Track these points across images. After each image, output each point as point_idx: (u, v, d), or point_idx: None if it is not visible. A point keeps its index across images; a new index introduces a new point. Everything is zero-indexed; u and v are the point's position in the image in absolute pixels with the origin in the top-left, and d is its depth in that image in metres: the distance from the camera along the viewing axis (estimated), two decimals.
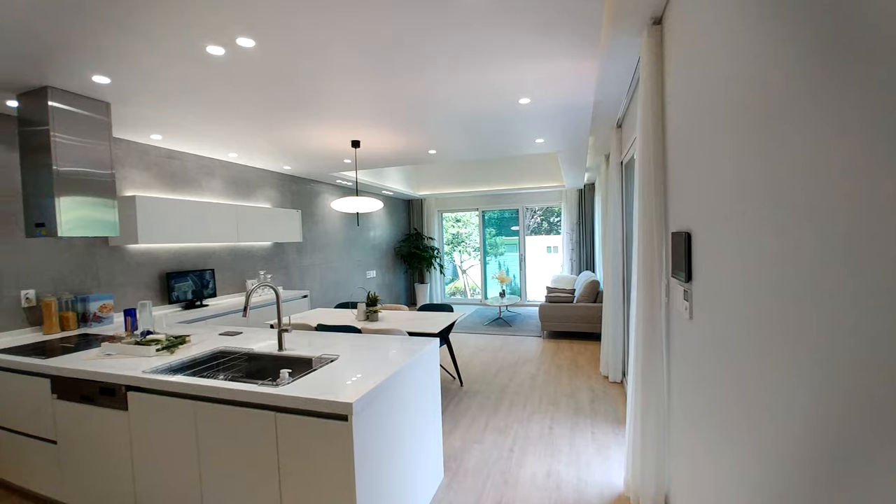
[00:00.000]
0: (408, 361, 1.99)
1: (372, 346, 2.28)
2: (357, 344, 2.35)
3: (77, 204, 2.54)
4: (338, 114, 3.06)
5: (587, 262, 7.94)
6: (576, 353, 4.99)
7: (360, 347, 2.27)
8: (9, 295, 2.82)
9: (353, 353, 2.16)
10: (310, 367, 2.06)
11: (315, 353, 2.16)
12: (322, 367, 1.92)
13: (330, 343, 2.38)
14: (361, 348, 2.25)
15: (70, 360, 2.17)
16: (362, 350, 2.21)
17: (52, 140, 2.43)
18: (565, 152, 4.64)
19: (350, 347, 2.27)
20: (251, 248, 4.85)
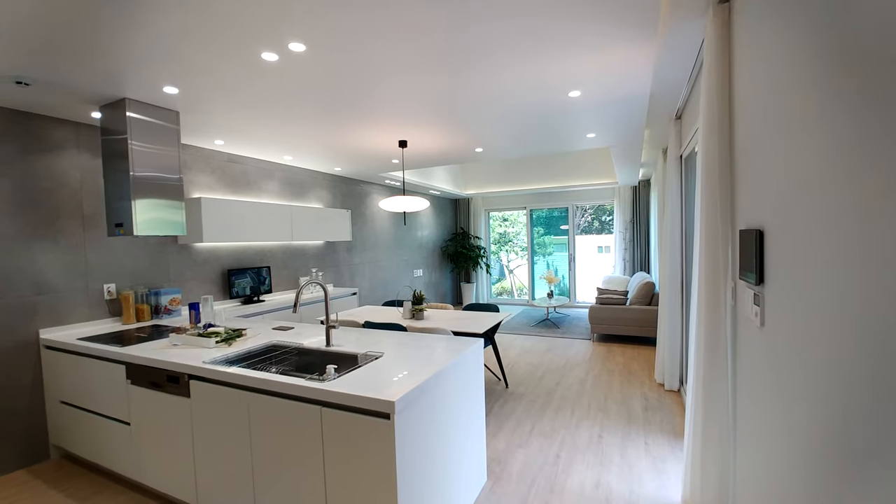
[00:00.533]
0: (451, 361, 1.97)
1: (416, 345, 2.28)
2: (401, 342, 2.36)
3: (150, 206, 2.76)
4: (385, 114, 3.11)
5: (642, 262, 7.54)
6: (628, 357, 4.75)
7: (405, 345, 2.28)
8: (94, 288, 3.12)
9: (397, 350, 2.17)
10: (355, 363, 2.10)
11: (361, 350, 2.20)
12: (367, 364, 1.95)
13: (375, 340, 2.41)
14: (406, 346, 2.26)
15: (142, 349, 2.35)
16: (406, 348, 2.22)
17: (130, 148, 2.66)
18: (618, 147, 4.42)
19: (395, 345, 2.29)
20: (304, 247, 5.06)
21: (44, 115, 2.88)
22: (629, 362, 4.58)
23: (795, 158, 1.07)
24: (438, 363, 1.93)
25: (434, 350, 2.17)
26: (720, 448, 1.82)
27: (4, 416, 2.68)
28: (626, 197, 7.63)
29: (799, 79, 1.03)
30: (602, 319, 5.44)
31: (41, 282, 2.85)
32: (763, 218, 1.34)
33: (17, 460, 2.73)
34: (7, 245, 2.71)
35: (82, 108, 2.79)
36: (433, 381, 1.77)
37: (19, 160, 2.78)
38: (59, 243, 2.95)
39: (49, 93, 2.49)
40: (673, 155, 3.53)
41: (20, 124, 2.78)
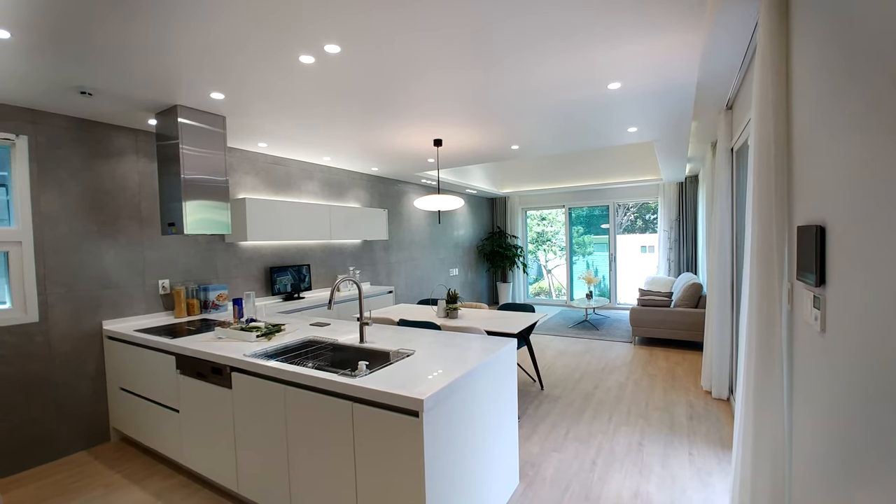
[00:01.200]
0: (483, 360, 1.94)
1: (448, 343, 2.27)
2: (434, 340, 2.36)
3: (199, 207, 2.92)
4: (420, 112, 3.12)
5: (688, 262, 7.17)
6: (672, 362, 4.52)
7: (437, 344, 2.27)
8: (150, 283, 3.34)
9: (429, 349, 2.17)
10: (387, 360, 2.11)
11: (393, 347, 2.21)
12: (398, 362, 1.96)
13: (408, 338, 2.43)
14: (438, 345, 2.25)
15: (190, 342, 2.49)
16: (439, 346, 2.21)
17: (181, 152, 2.82)
18: (663, 142, 4.21)
19: (427, 343, 2.29)
20: (342, 246, 5.18)
21: (107, 124, 3.12)
22: (673, 367, 4.36)
23: (862, 147, 0.96)
24: (470, 362, 1.91)
25: (466, 349, 2.15)
26: (773, 464, 1.69)
27: (72, 400, 2.93)
28: (672, 194, 7.27)
29: (867, 58, 0.92)
30: (644, 322, 5.21)
31: (104, 277, 3.09)
32: (824, 212, 1.23)
33: (81, 441, 2.97)
34: (76, 243, 2.95)
35: (140, 116, 2.99)
36: (464, 379, 1.76)
37: (87, 166, 3.02)
38: (120, 242, 3.18)
39: (110, 102, 2.69)
40: (723, 148, 3.32)
41: (88, 132, 3.02)
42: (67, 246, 2.92)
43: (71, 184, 2.94)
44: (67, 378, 2.91)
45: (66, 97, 2.59)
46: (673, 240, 7.32)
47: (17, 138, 2.73)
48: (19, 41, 1.90)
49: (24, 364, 2.73)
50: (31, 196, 2.77)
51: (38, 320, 2.78)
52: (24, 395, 2.72)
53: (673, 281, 6.52)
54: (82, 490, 2.48)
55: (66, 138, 2.93)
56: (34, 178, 2.79)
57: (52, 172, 2.87)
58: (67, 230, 2.92)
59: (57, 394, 2.86)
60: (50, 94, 2.53)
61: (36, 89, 2.47)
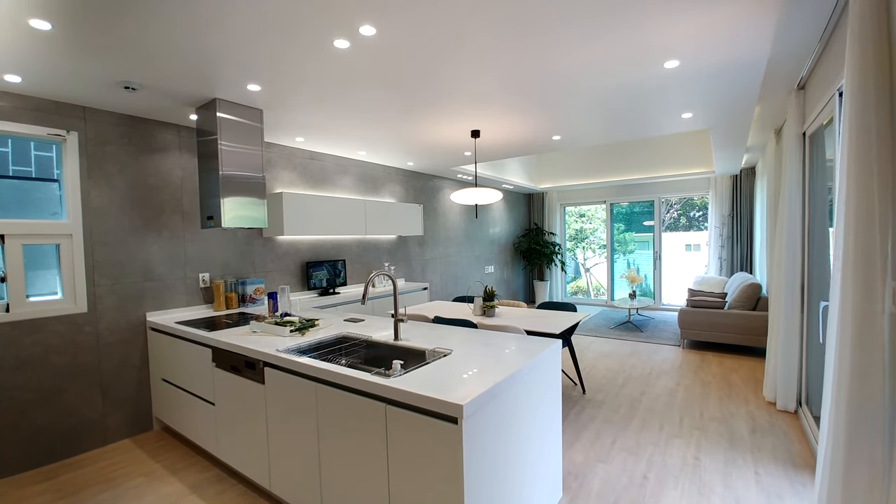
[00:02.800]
0: (526, 364, 1.79)
1: (487, 343, 2.14)
2: (471, 339, 2.23)
3: (236, 203, 2.92)
4: (457, 101, 2.99)
5: (742, 261, 6.66)
6: (727, 368, 4.17)
7: (475, 343, 2.14)
8: (191, 276, 3.40)
9: (466, 348, 2.05)
10: (423, 359, 2.00)
11: (429, 346, 2.10)
12: (435, 361, 1.84)
13: (444, 336, 2.31)
14: (476, 344, 2.12)
15: (226, 335, 2.48)
16: (477, 346, 2.08)
17: (220, 148, 2.83)
18: (720, 129, 3.87)
19: (464, 342, 2.16)
20: (377, 241, 5.14)
21: (152, 120, 3.18)
22: (728, 374, 4.02)
23: None
24: (512, 364, 1.77)
25: (506, 349, 2.01)
26: (869, 495, 1.44)
27: (118, 389, 3.01)
28: (725, 188, 6.78)
29: None
30: (694, 324, 4.86)
31: (148, 270, 3.16)
32: None
33: (126, 430, 3.06)
34: (123, 236, 3.04)
35: (182, 111, 3.03)
36: (506, 384, 1.62)
37: (134, 161, 3.09)
38: (163, 236, 3.25)
39: (153, 97, 2.73)
40: (793, 133, 2.99)
41: (134, 128, 3.09)
42: (115, 239, 3.00)
43: (118, 179, 3.03)
44: (114, 367, 3.00)
45: (111, 93, 2.64)
46: (725, 237, 6.82)
47: (68, 134, 2.82)
48: (61, 33, 1.92)
49: (74, 353, 2.82)
50: (82, 190, 2.86)
51: (87, 311, 2.88)
52: (75, 382, 2.82)
53: (725, 281, 6.07)
54: (124, 478, 2.53)
55: (114, 134, 3.01)
56: (84, 173, 2.88)
57: (101, 167, 2.95)
58: (115, 224, 3.00)
59: (104, 382, 2.95)
60: (97, 89, 2.59)
61: (83, 85, 2.53)
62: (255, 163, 3.04)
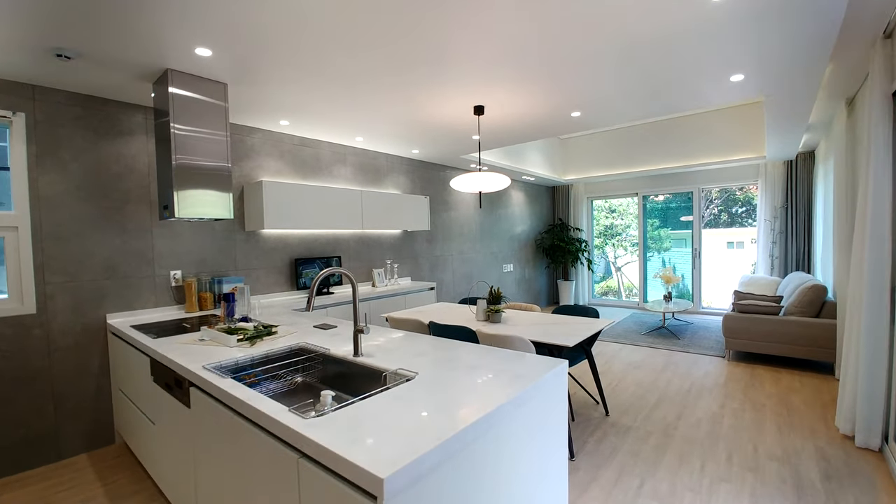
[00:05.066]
0: (514, 396, 1.29)
1: (470, 363, 1.64)
2: (452, 356, 1.74)
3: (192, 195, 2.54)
4: (457, 69, 2.49)
5: (799, 259, 5.81)
6: (785, 388, 3.48)
7: (453, 362, 1.65)
8: (161, 274, 3.08)
9: (440, 371, 1.56)
10: (378, 384, 1.54)
11: (391, 366, 1.63)
12: (389, 390, 1.37)
13: (418, 351, 1.83)
14: (453, 365, 1.63)
15: (165, 344, 2.10)
16: (453, 369, 1.59)
17: (172, 131, 2.45)
18: (778, 97, 3.19)
19: (440, 362, 1.68)
20: (380, 237, 4.72)
21: (113, 101, 2.87)
22: (787, 395, 3.33)
23: None
24: (489, 399, 1.27)
25: (489, 374, 1.51)
26: None
27: (74, 398, 2.71)
28: (777, 176, 5.94)
29: None
30: (742, 332, 4.16)
31: (110, 266, 2.85)
32: None
33: (83, 443, 2.75)
34: (80, 229, 2.73)
35: (142, 88, 2.69)
36: (471, 433, 1.12)
37: (92, 146, 2.78)
38: (128, 229, 2.93)
39: (99, 69, 2.38)
40: (878, 94, 2.33)
41: (92, 110, 2.78)
42: (69, 233, 2.70)
43: (74, 165, 2.72)
44: (69, 375, 2.70)
45: (49, 64, 2.31)
46: (777, 232, 5.99)
47: (14, 115, 2.52)
48: None
49: (21, 358, 2.53)
50: (29, 178, 2.57)
51: (36, 312, 2.58)
52: (23, 391, 2.53)
53: (778, 282, 5.29)
54: (60, 502, 2.20)
55: (68, 116, 2.70)
56: (33, 159, 2.58)
57: (54, 153, 2.65)
58: (69, 216, 2.70)
59: (57, 391, 2.66)
60: (34, 61, 2.26)
61: (17, 57, 2.21)
62: (218, 150, 2.64)
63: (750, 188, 6.77)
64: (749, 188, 6.78)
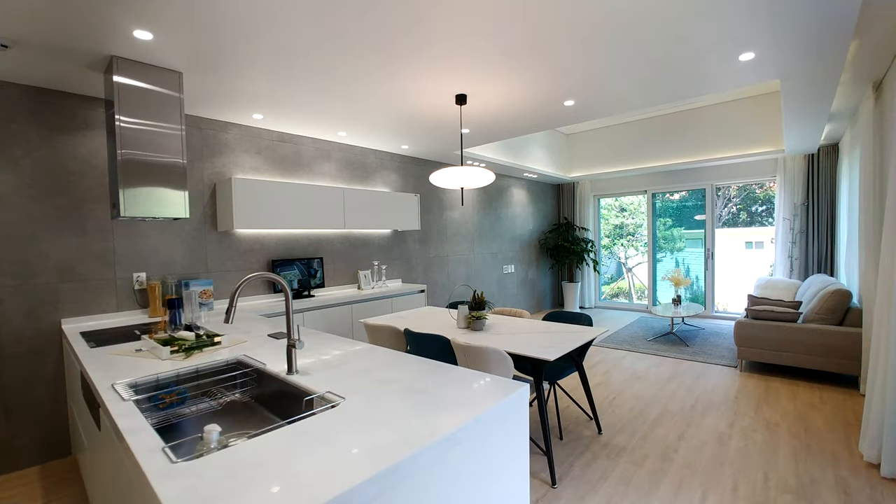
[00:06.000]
0: (442, 435, 1.05)
1: (410, 387, 1.40)
2: (394, 378, 1.51)
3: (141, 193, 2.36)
4: (435, 52, 2.26)
5: (820, 261, 5.40)
6: (803, 404, 3.14)
7: (392, 386, 1.42)
8: (123, 276, 2.92)
9: (371, 395, 1.33)
10: (300, 410, 1.32)
11: (323, 387, 1.40)
12: (300, 421, 1.14)
13: (360, 369, 1.60)
14: (392, 388, 1.40)
15: (99, 354, 1.91)
16: (389, 393, 1.36)
17: (117, 123, 2.27)
18: (796, 79, 2.86)
19: (378, 383, 1.44)
20: (367, 237, 4.51)
21: (71, 94, 2.71)
22: (805, 413, 3.00)
23: None
24: (415, 437, 1.03)
25: (433, 399, 1.27)
26: None
27: (26, 407, 2.56)
28: (797, 171, 5.54)
29: None
30: (756, 340, 3.82)
31: (66, 269, 2.69)
32: None
33: (38, 454, 2.60)
34: (31, 230, 2.58)
35: (96, 79, 2.53)
36: (375, 488, 0.88)
37: (46, 143, 2.63)
38: (87, 229, 2.77)
39: (42, 57, 2.22)
40: None
41: (47, 104, 2.62)
42: (20, 233, 2.55)
43: (26, 162, 2.57)
44: (21, 383, 2.55)
45: None
46: (797, 231, 5.58)
47: None
48: None
49: None
50: None
51: None
52: None
53: (797, 285, 4.91)
54: None
55: (20, 110, 2.55)
56: None
57: (5, 149, 2.50)
58: (20, 215, 2.55)
59: (8, 400, 2.51)
60: None
61: None
62: (172, 144, 2.45)
63: (769, 185, 6.35)
64: (769, 186, 6.36)
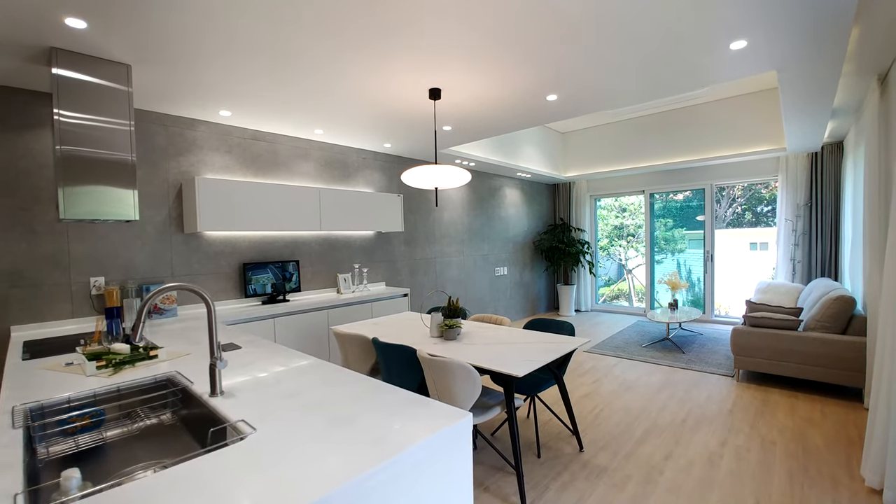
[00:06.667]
0: (354, 478, 0.88)
1: (338, 415, 1.23)
2: (324, 401, 1.33)
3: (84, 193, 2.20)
4: (403, 42, 2.09)
5: (824, 264, 5.18)
6: (802, 419, 2.94)
7: (318, 412, 1.25)
8: (80, 281, 2.77)
9: (289, 424, 1.16)
10: (212, 440, 1.15)
11: (238, 414, 1.23)
12: (192, 460, 0.97)
13: (289, 391, 1.43)
14: (315, 416, 1.22)
15: (27, 367, 1.75)
16: (307, 425, 1.18)
17: (55, 117, 2.11)
18: (793, 73, 2.67)
19: (303, 409, 1.27)
20: (348, 238, 4.34)
21: (20, 89, 2.56)
22: (804, 429, 2.80)
23: None
24: (326, 482, 0.86)
25: (358, 431, 1.10)
26: None
27: None
28: (799, 170, 5.32)
29: None
30: (754, 349, 3.61)
31: (15, 272, 2.54)
32: None
33: None
34: None
35: (42, 74, 2.38)
36: None
37: None
38: (37, 231, 2.62)
39: None
40: None
41: None
42: None
43: None
44: None
45: None
46: (800, 233, 5.36)
47: None
48: None
49: None
50: None
51: None
52: None
53: (799, 289, 4.69)
54: None
55: None
56: None
57: None
58: None
59: None
60: None
61: None
62: (119, 140, 2.29)
63: (774, 185, 6.13)
64: (774, 185, 6.14)
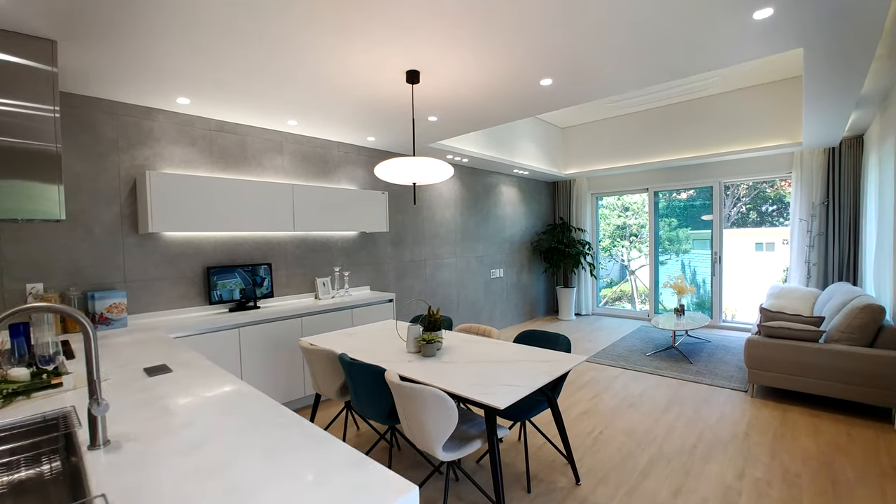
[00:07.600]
0: None
1: (231, 485, 0.91)
2: (223, 462, 1.01)
3: None
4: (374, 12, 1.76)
5: (842, 267, 4.83)
6: (828, 443, 2.61)
7: (210, 482, 0.93)
8: (13, 288, 2.46)
9: (165, 502, 0.84)
10: None
11: (107, 484, 0.91)
12: None
13: (188, 443, 1.11)
14: (205, 489, 0.91)
15: None
16: (194, 499, 0.87)
17: None
18: (820, 50, 2.33)
19: (191, 475, 0.95)
20: (328, 239, 4.03)
21: None
22: (831, 456, 2.47)
23: None
24: None
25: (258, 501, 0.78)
26: None
27: None
28: (815, 167, 4.97)
29: None
30: (770, 362, 3.28)
31: None
32: None
33: None
34: None
35: None
36: None
37: None
38: None
39: None
40: None
41: None
42: None
43: None
44: None
45: None
46: (816, 234, 5.01)
47: None
48: None
49: None
50: None
51: None
52: None
53: (816, 294, 4.35)
54: None
55: None
56: None
57: None
58: None
59: None
60: None
61: None
62: (41, 128, 1.97)
63: (782, 184, 5.78)
64: (781, 184, 5.79)
